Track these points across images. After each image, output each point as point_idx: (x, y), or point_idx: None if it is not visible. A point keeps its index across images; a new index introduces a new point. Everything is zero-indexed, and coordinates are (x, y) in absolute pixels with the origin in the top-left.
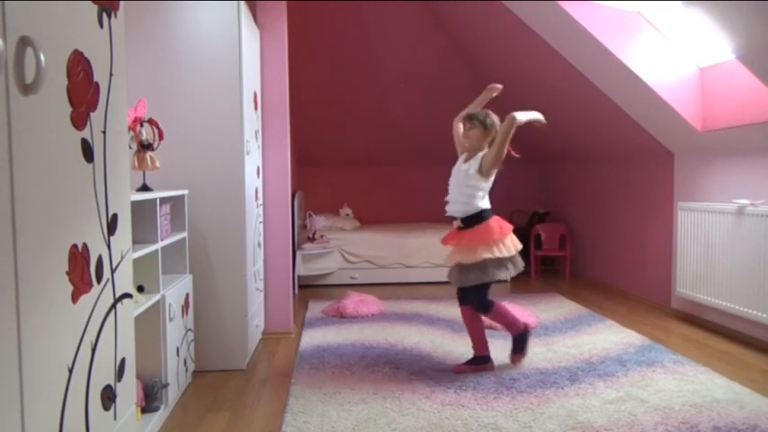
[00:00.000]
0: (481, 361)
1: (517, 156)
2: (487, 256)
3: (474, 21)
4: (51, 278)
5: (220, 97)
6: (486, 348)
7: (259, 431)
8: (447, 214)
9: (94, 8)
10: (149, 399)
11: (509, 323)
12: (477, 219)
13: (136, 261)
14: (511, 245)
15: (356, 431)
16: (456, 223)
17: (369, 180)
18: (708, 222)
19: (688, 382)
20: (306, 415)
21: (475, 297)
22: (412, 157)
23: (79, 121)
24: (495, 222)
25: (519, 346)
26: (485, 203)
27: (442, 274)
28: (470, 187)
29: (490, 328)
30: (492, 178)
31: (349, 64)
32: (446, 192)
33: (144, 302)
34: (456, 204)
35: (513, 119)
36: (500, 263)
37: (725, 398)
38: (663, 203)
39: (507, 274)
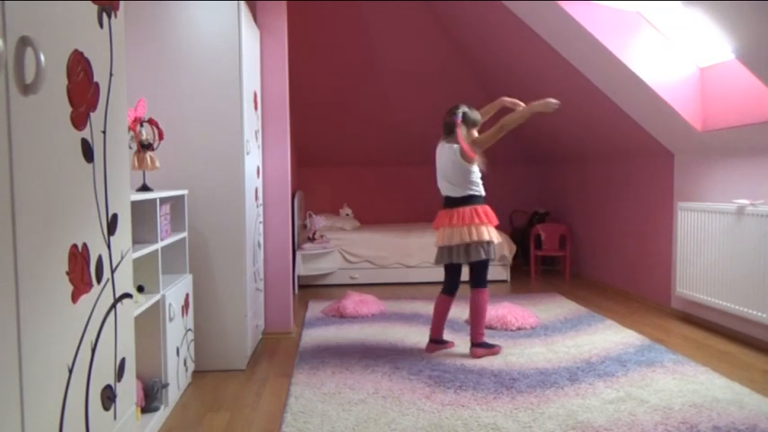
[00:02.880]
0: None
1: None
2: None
3: (474, 21)
4: (51, 278)
5: (220, 97)
6: (432, 333)
7: (259, 431)
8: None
9: (94, 8)
10: (149, 399)
11: (479, 325)
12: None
13: (136, 261)
14: (441, 238)
15: (356, 431)
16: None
17: (369, 180)
18: (708, 222)
19: (688, 382)
20: (306, 415)
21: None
22: (412, 157)
23: (79, 121)
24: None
25: (479, 345)
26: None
27: (442, 274)
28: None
29: (489, 327)
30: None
31: (349, 64)
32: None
33: (144, 302)
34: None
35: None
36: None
37: (725, 398)
38: (663, 203)
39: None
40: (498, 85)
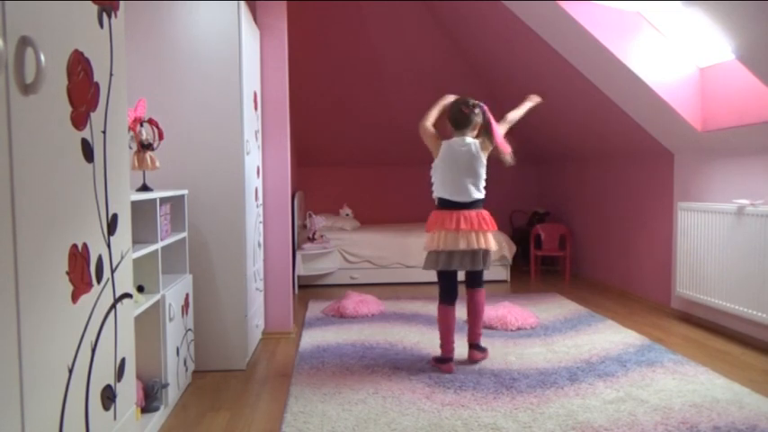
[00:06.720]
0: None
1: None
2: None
3: (474, 21)
4: (51, 278)
5: (220, 97)
6: (448, 351)
7: (259, 431)
8: None
9: (94, 8)
10: (149, 399)
11: (477, 325)
12: None
13: (136, 261)
14: (439, 242)
15: (356, 431)
16: None
17: (369, 180)
18: (708, 222)
19: (688, 382)
20: (306, 415)
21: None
22: (412, 157)
23: (79, 121)
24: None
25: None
26: (438, 192)
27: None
28: None
29: (489, 327)
30: (439, 163)
31: (349, 64)
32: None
33: (144, 302)
34: None
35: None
36: (435, 255)
37: (725, 398)
38: (663, 203)
39: (436, 266)
40: (498, 84)
